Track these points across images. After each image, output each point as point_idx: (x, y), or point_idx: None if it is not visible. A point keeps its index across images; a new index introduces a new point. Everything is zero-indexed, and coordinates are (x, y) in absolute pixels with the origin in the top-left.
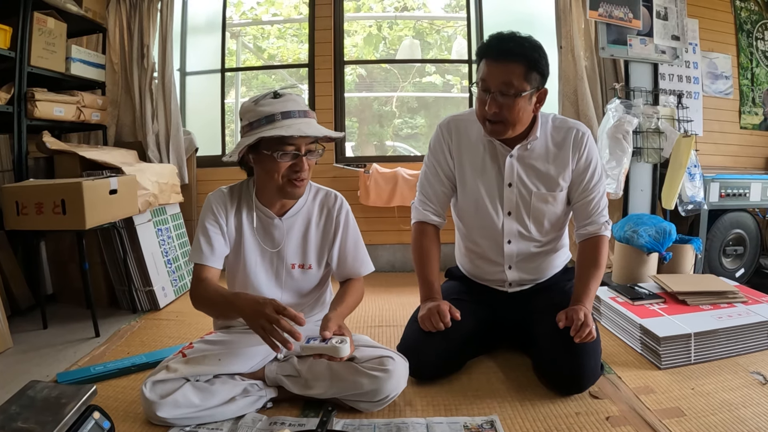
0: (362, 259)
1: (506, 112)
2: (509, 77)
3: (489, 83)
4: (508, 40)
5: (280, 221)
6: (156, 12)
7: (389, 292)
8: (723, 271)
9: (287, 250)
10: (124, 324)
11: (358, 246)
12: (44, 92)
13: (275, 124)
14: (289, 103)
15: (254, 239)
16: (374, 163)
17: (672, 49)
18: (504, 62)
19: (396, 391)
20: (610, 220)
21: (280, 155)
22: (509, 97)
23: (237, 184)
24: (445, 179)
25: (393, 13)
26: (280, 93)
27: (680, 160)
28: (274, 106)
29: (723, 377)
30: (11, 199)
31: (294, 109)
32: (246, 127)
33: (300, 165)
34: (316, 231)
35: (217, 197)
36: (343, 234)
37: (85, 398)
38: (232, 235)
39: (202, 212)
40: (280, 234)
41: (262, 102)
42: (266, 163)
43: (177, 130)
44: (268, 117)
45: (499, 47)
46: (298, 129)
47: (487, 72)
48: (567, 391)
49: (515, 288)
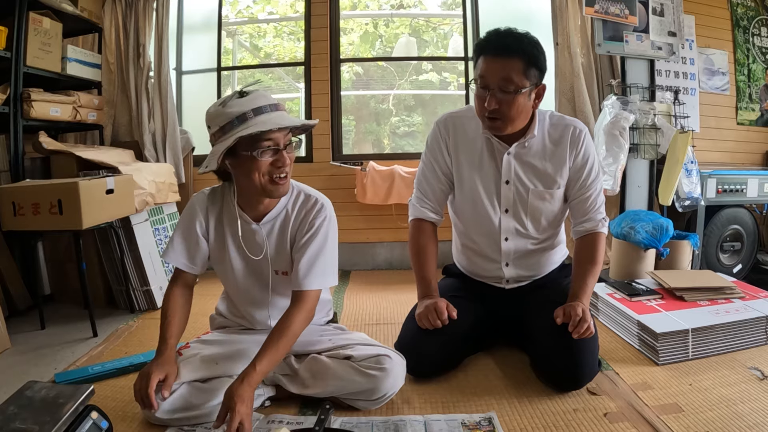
0: (320, 272)
1: (506, 108)
2: (508, 73)
3: (488, 80)
4: (507, 36)
5: (258, 226)
6: (152, 11)
7: (386, 289)
8: (720, 267)
9: (269, 255)
10: (121, 324)
11: (320, 256)
12: (40, 92)
13: (248, 123)
14: (258, 99)
15: (237, 245)
16: (371, 161)
17: (668, 46)
18: (503, 58)
19: (393, 390)
20: (607, 217)
21: (260, 153)
22: (509, 93)
23: (218, 187)
24: (443, 176)
25: (389, 10)
26: (246, 91)
27: (677, 156)
28: (243, 105)
29: (721, 373)
30: (8, 200)
31: (264, 104)
32: (218, 133)
33: (282, 160)
34: (290, 235)
35: (200, 200)
36: (308, 237)
37: (82, 398)
38: (213, 240)
39: (184, 212)
40: (260, 239)
41: (229, 103)
42: (246, 164)
43: (173, 130)
44: (240, 117)
45: (497, 43)
46: (273, 123)
47: (486, 68)
48: (565, 387)
49: (512, 285)
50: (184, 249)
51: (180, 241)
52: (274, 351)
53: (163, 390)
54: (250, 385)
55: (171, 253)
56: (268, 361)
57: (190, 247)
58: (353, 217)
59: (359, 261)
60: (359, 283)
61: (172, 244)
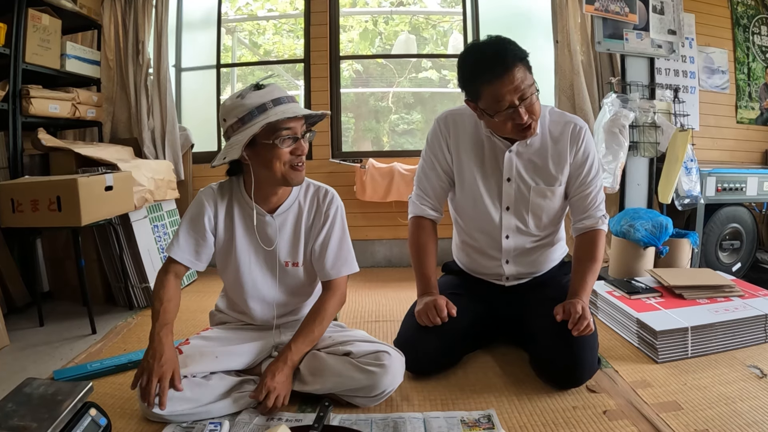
0: (345, 258)
1: (535, 110)
2: (525, 78)
3: (511, 97)
4: (500, 50)
5: (272, 218)
6: (151, 8)
7: (386, 287)
8: (719, 266)
9: (280, 247)
10: (120, 321)
11: (342, 244)
12: (39, 89)
13: (269, 113)
14: (275, 91)
15: (248, 238)
16: (370, 158)
17: (668, 44)
18: (513, 70)
19: (392, 386)
20: (607, 214)
21: (281, 141)
22: (532, 95)
23: (226, 182)
24: (443, 174)
25: (389, 8)
26: (263, 84)
27: (677, 154)
28: (261, 96)
29: (720, 371)
30: (7, 197)
31: (282, 96)
32: (237, 123)
33: (300, 148)
34: (305, 227)
35: (208, 195)
36: (328, 228)
37: (81, 395)
38: (222, 234)
39: (190, 208)
40: (273, 231)
41: (248, 96)
42: (266, 153)
43: (172, 127)
44: (259, 107)
45: (500, 59)
46: (293, 111)
47: (501, 89)
48: (564, 385)
49: (512, 282)
50: (190, 245)
51: (186, 236)
52: (309, 332)
53: (177, 384)
54: (284, 362)
55: (176, 249)
56: (302, 342)
57: (197, 242)
58: (353, 214)
59: (358, 258)
60: (358, 280)
61: (177, 240)
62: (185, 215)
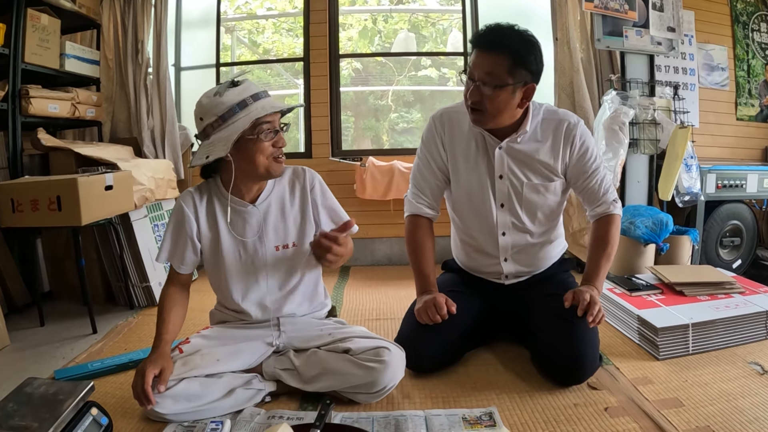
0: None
1: (487, 103)
2: (492, 68)
3: (474, 72)
4: (498, 32)
5: (255, 208)
6: (150, 7)
7: (386, 285)
8: (720, 262)
9: (267, 234)
10: (121, 320)
11: (336, 207)
12: (38, 89)
13: (250, 108)
14: (251, 87)
15: (230, 233)
16: (370, 157)
17: (668, 41)
18: (490, 53)
19: (393, 382)
20: (619, 199)
21: (265, 135)
22: (490, 87)
23: (203, 184)
24: (438, 172)
25: (388, 6)
26: (239, 81)
27: (677, 151)
28: (240, 93)
29: (721, 367)
30: (6, 197)
31: (259, 91)
32: (217, 121)
33: (281, 140)
34: (291, 209)
35: (187, 199)
36: (323, 207)
37: (82, 395)
38: (206, 234)
39: (171, 216)
40: (258, 221)
41: (225, 93)
42: (248, 148)
43: (172, 126)
44: (240, 104)
45: (488, 37)
46: (273, 106)
47: (474, 60)
48: (565, 382)
49: (512, 280)
50: (175, 251)
51: (170, 244)
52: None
53: (159, 385)
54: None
55: (163, 256)
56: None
57: (181, 249)
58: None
59: (359, 256)
60: (359, 278)
61: (163, 248)
62: (168, 224)
